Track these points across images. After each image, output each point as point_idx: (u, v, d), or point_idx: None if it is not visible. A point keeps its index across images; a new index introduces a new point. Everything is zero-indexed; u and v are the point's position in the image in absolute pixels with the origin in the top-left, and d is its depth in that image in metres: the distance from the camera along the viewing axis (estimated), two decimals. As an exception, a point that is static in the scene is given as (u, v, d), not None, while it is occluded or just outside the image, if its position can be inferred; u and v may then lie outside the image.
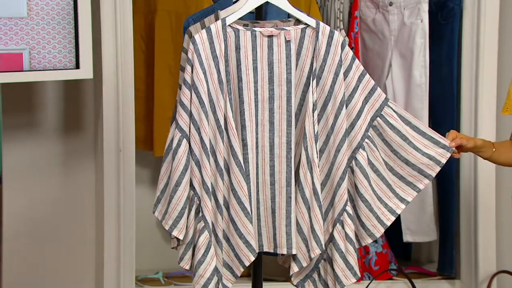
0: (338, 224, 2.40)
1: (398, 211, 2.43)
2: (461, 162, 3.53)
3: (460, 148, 2.48)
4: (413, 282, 3.53)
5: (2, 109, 3.38)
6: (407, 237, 3.66)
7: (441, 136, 2.46)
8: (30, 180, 3.41)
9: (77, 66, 3.04)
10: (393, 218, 2.43)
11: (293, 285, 2.48)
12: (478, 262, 3.50)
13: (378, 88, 2.44)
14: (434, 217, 3.64)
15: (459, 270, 3.59)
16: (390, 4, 3.60)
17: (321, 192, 2.41)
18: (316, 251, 2.38)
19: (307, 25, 2.42)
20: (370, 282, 3.52)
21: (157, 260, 3.76)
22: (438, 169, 2.44)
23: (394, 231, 3.47)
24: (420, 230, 3.65)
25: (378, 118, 2.43)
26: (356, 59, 2.43)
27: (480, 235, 3.50)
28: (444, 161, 2.44)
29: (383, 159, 2.44)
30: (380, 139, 2.44)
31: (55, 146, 3.45)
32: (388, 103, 2.44)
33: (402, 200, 2.44)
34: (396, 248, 3.76)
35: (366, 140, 2.43)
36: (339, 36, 2.40)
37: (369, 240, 2.42)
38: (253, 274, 2.56)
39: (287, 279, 3.70)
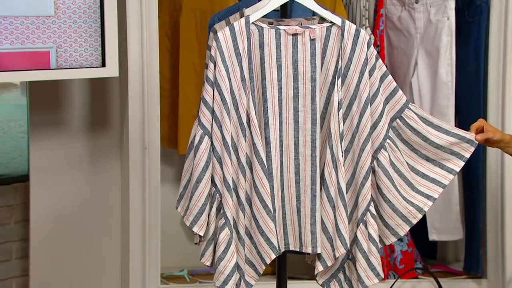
0: (361, 224, 2.39)
1: (426, 209, 2.42)
2: (487, 159, 3.51)
3: (487, 141, 2.47)
4: (439, 281, 3.51)
5: (29, 107, 3.40)
6: (433, 236, 3.64)
7: (466, 131, 2.45)
8: (56, 178, 3.42)
9: (103, 64, 3.05)
10: (420, 216, 2.42)
11: (319, 284, 2.48)
12: (505, 261, 3.47)
13: (400, 91, 2.43)
14: (460, 215, 3.62)
15: (485, 269, 3.56)
16: (416, 1, 3.57)
17: (347, 192, 2.40)
18: (340, 250, 2.37)
19: (333, 24, 2.40)
20: (396, 281, 3.51)
21: (182, 258, 3.76)
22: (462, 163, 2.43)
23: (419, 229, 3.46)
24: (446, 229, 3.63)
25: (397, 120, 2.42)
26: (380, 59, 2.42)
27: (507, 233, 3.47)
28: (468, 155, 2.43)
29: (404, 159, 2.43)
30: (399, 140, 2.43)
31: (81, 144, 3.46)
32: (409, 105, 2.43)
33: (428, 197, 2.42)
34: (421, 246, 3.74)
35: (388, 140, 2.42)
36: (365, 35, 2.39)
37: (393, 239, 2.42)
38: (278, 272, 2.55)
39: (312, 277, 3.70)
